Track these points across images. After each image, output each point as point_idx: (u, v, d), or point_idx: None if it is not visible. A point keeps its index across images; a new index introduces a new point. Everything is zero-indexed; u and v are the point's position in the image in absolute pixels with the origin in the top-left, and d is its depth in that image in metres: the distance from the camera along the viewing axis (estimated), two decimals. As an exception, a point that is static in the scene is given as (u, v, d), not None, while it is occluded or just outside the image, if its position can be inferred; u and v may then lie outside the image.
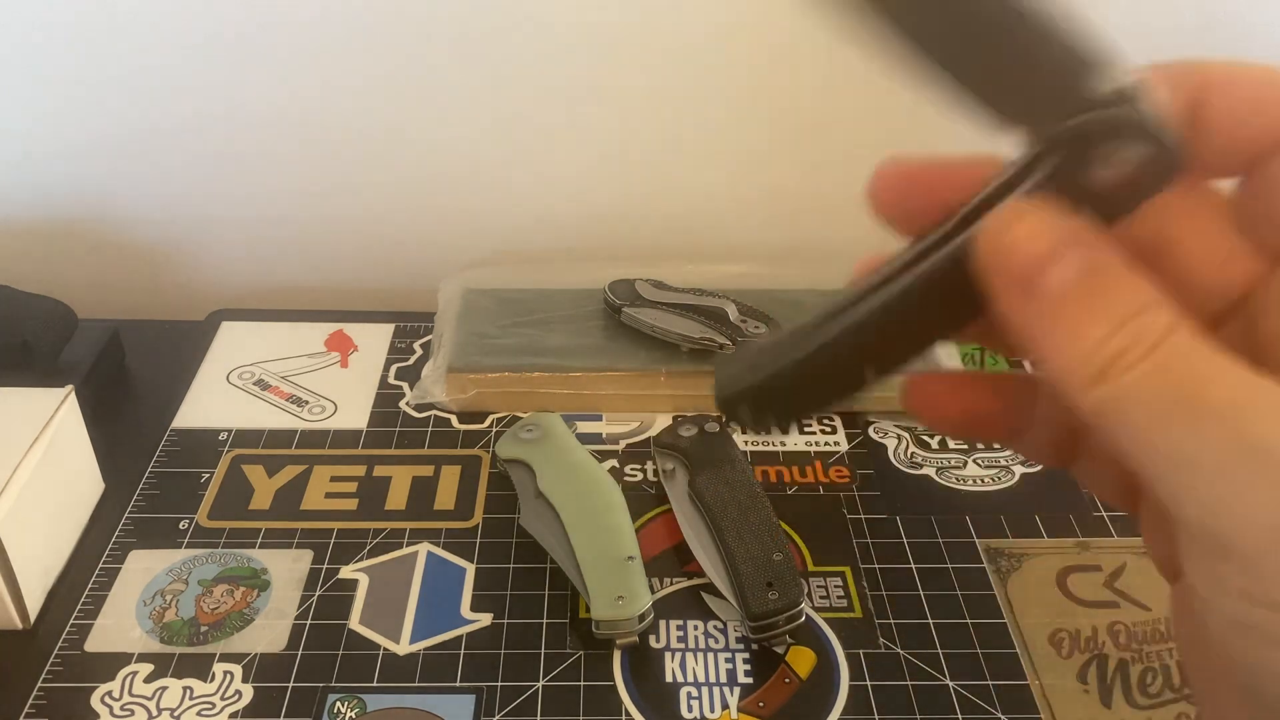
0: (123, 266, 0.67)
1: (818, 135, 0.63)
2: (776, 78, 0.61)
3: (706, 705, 0.40)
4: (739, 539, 0.44)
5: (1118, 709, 0.40)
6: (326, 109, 0.61)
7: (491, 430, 0.54)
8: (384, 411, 0.55)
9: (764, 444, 0.53)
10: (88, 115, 0.61)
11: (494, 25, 0.59)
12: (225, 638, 0.42)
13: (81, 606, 0.44)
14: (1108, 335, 0.19)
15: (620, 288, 0.58)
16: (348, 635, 0.42)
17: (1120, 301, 0.19)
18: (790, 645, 0.42)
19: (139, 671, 0.41)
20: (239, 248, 0.67)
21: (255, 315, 0.62)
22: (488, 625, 0.43)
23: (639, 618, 0.42)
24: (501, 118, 0.62)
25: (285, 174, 0.64)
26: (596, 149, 0.64)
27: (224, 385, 0.56)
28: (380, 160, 0.64)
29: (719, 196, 0.66)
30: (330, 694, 0.40)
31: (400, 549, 0.46)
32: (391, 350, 0.59)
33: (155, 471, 0.51)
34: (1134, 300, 0.19)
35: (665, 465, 0.50)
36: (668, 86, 0.61)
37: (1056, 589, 0.45)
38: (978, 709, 0.40)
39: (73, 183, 0.64)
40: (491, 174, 0.64)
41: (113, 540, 0.47)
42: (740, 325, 0.56)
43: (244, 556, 0.46)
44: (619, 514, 0.46)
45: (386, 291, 0.68)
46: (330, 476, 0.50)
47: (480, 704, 0.40)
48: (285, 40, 0.59)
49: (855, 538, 0.47)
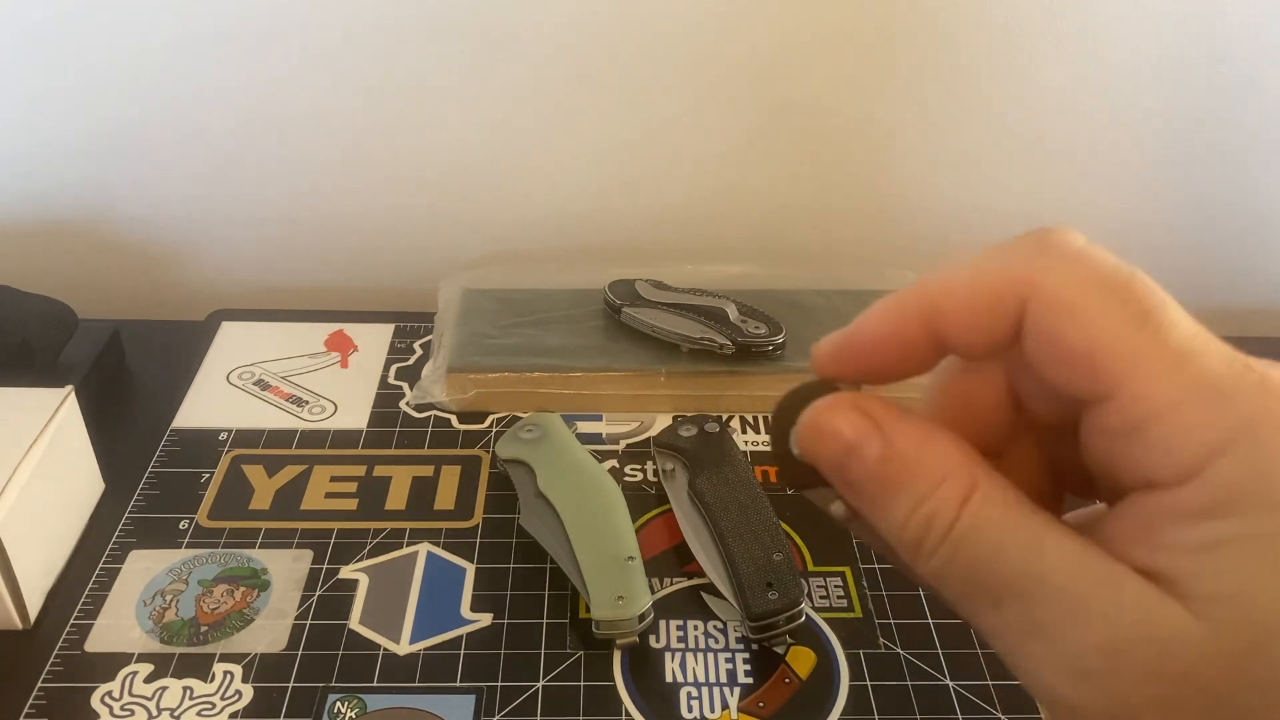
0: (123, 266, 0.67)
1: (818, 136, 0.64)
2: (777, 79, 0.61)
3: (706, 705, 0.40)
4: (739, 539, 0.44)
5: (1118, 709, 0.40)
6: (327, 109, 0.61)
7: (491, 430, 0.54)
8: (384, 411, 0.55)
9: (764, 444, 0.53)
10: (88, 115, 0.61)
11: (494, 26, 0.59)
12: (225, 638, 0.42)
13: (81, 606, 0.44)
14: (908, 516, 0.21)
15: (620, 288, 0.58)
16: (348, 635, 0.42)
17: (915, 483, 0.21)
18: (790, 645, 0.42)
19: (139, 671, 0.41)
20: (239, 248, 0.67)
21: (255, 315, 0.62)
22: (488, 625, 0.43)
23: (639, 618, 0.42)
24: (502, 118, 0.62)
25: (285, 174, 0.64)
26: (596, 149, 0.64)
27: (224, 385, 0.56)
28: (380, 160, 0.64)
29: (719, 197, 0.66)
30: (330, 694, 0.40)
31: (400, 549, 0.46)
32: (391, 350, 0.59)
33: (155, 471, 0.51)
34: (926, 479, 0.21)
35: (665, 465, 0.50)
36: (668, 87, 0.61)
37: (1056, 589, 0.45)
38: (978, 709, 0.40)
39: (73, 183, 0.64)
40: (491, 174, 0.64)
41: (113, 540, 0.47)
42: (740, 325, 0.56)
43: (244, 556, 0.46)
44: (619, 514, 0.46)
45: (386, 291, 0.68)
46: (330, 476, 0.50)
47: (480, 704, 0.40)
48: (286, 42, 0.59)
49: (855, 538, 0.47)
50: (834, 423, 0.23)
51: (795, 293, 0.60)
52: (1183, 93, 0.62)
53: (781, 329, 0.55)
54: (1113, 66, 0.61)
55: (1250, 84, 0.62)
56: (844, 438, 0.22)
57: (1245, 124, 0.63)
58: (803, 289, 0.61)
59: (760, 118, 0.63)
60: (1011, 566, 0.20)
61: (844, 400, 0.23)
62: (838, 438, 0.22)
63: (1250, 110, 0.63)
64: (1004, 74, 0.61)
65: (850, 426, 0.22)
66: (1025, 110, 0.62)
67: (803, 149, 0.64)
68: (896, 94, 0.62)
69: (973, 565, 0.21)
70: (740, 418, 0.54)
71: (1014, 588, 0.20)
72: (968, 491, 0.21)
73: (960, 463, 0.22)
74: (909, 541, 0.22)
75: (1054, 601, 0.20)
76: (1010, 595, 0.20)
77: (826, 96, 0.62)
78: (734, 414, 0.55)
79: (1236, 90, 0.62)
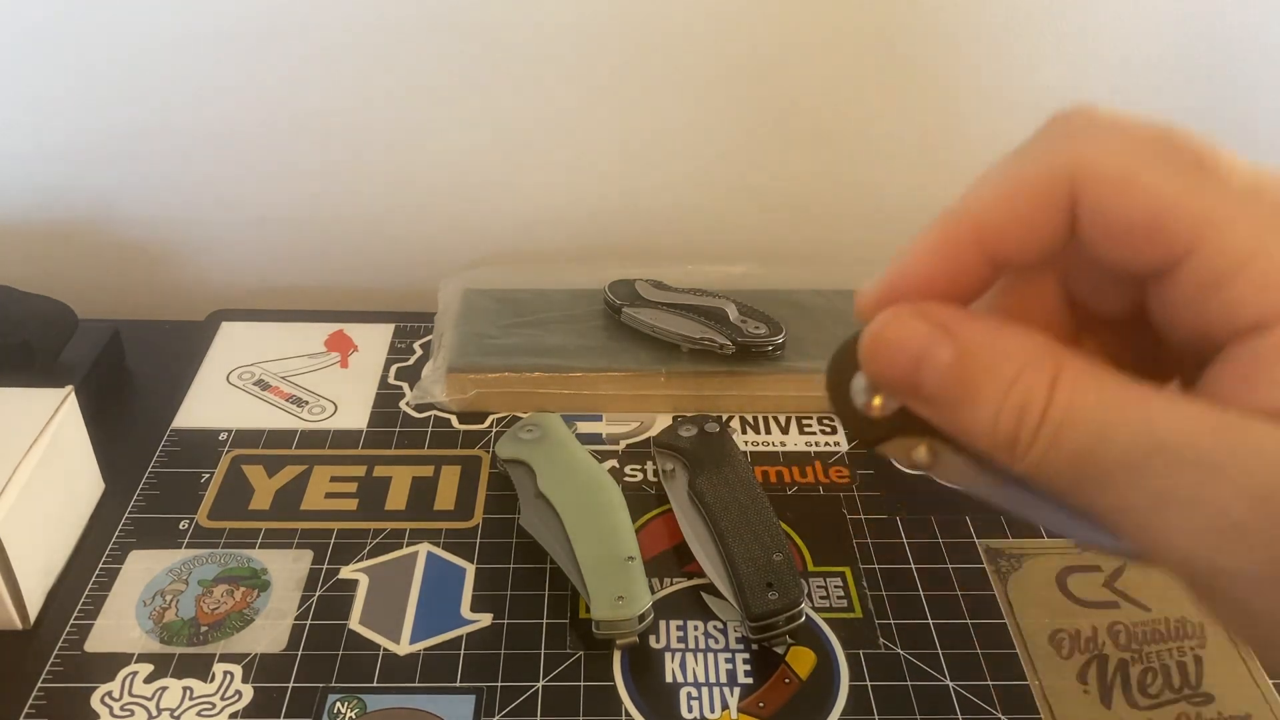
0: (123, 266, 0.67)
1: (819, 136, 0.64)
2: (778, 79, 0.61)
3: (706, 705, 0.40)
4: (739, 539, 0.44)
5: (1118, 709, 0.40)
6: (327, 110, 0.61)
7: (491, 430, 0.54)
8: (384, 411, 0.55)
9: (764, 444, 0.53)
10: (88, 115, 0.61)
11: (494, 27, 0.59)
12: (225, 638, 0.42)
13: (81, 606, 0.44)
14: (997, 410, 0.20)
15: (620, 288, 0.58)
16: (348, 635, 0.42)
17: (997, 374, 0.20)
18: (790, 645, 0.42)
19: (139, 672, 0.41)
20: (239, 248, 0.67)
21: (255, 315, 0.62)
22: (488, 625, 0.43)
23: (639, 618, 0.41)
24: (502, 118, 0.62)
25: (286, 174, 0.64)
26: (597, 149, 0.64)
27: (224, 385, 0.56)
28: (380, 161, 0.64)
29: (719, 197, 0.66)
30: (330, 694, 0.40)
31: (400, 549, 0.46)
32: (391, 350, 0.59)
33: (155, 471, 0.51)
34: (1008, 368, 0.20)
35: (665, 465, 0.50)
36: (668, 87, 0.61)
37: (1056, 589, 0.45)
38: (978, 709, 0.40)
39: (73, 183, 0.64)
40: (492, 174, 0.64)
41: (113, 540, 0.47)
42: (740, 325, 0.56)
43: (244, 556, 0.46)
44: (619, 514, 0.46)
45: (386, 291, 0.68)
46: (330, 476, 0.50)
47: (480, 704, 0.40)
48: (287, 42, 0.59)
49: (855, 538, 0.47)
50: (898, 335, 0.21)
51: (795, 293, 0.60)
52: (1182, 92, 0.62)
53: (781, 329, 0.55)
54: (1112, 66, 0.61)
55: (1250, 84, 0.62)
56: (912, 347, 0.21)
57: (1245, 124, 0.63)
58: (803, 289, 0.61)
59: (760, 118, 0.63)
60: (1121, 440, 0.19)
61: (903, 310, 0.21)
62: (905, 350, 0.21)
63: (1250, 110, 0.63)
64: (1004, 74, 0.61)
65: (916, 334, 0.21)
66: (1025, 110, 0.62)
67: (803, 149, 0.64)
68: (896, 94, 0.62)
69: (1078, 447, 0.19)
70: (740, 418, 0.54)
71: (1129, 461, 0.19)
72: (1055, 371, 0.20)
73: (1040, 345, 0.20)
74: (1003, 438, 0.20)
75: (1179, 465, 0.19)
76: (1126, 470, 0.19)
77: (826, 96, 0.62)
78: (734, 414, 0.55)
79: (1236, 90, 0.62)
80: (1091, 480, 0.20)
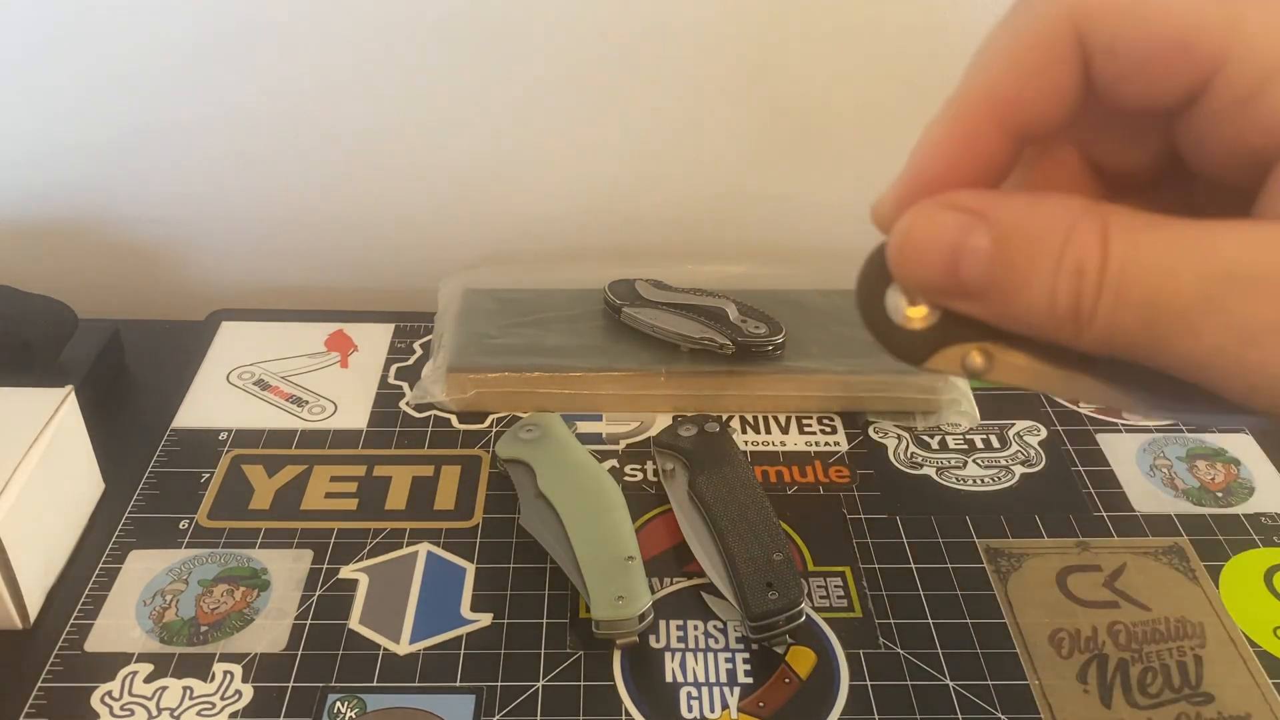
0: (123, 266, 0.67)
1: (818, 136, 0.63)
2: (779, 79, 0.61)
3: (706, 705, 0.40)
4: (739, 539, 0.44)
5: (1118, 709, 0.40)
6: (327, 109, 0.61)
7: (491, 430, 0.54)
8: (384, 411, 0.55)
9: (764, 444, 0.53)
10: (88, 115, 0.61)
11: (494, 26, 0.59)
12: (225, 638, 0.42)
13: (81, 606, 0.44)
14: (1052, 282, 0.18)
15: (620, 288, 0.58)
16: (348, 635, 0.42)
17: (1044, 243, 0.19)
18: (790, 645, 0.42)
19: (139, 671, 0.41)
20: (239, 248, 0.67)
21: (255, 315, 0.62)
22: (488, 625, 0.43)
23: (639, 618, 0.42)
24: (502, 118, 0.62)
25: (285, 174, 0.64)
26: (596, 149, 0.64)
27: (224, 385, 0.56)
28: (380, 160, 0.64)
29: (719, 196, 0.66)
30: (330, 694, 0.40)
31: (400, 549, 0.46)
32: (391, 350, 0.59)
33: (155, 471, 0.51)
34: (1054, 234, 0.18)
35: (665, 465, 0.50)
36: (668, 87, 0.61)
37: (1056, 589, 0.45)
38: (978, 709, 0.40)
39: (73, 183, 0.64)
40: (492, 174, 0.64)
41: (113, 540, 0.47)
42: (740, 325, 0.56)
43: (244, 556, 0.46)
44: (619, 514, 0.46)
45: (386, 291, 0.68)
46: (330, 476, 0.50)
47: (480, 704, 0.40)
48: (286, 41, 0.59)
49: (855, 538, 0.47)
50: (927, 232, 0.19)
51: (795, 293, 0.60)
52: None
53: (781, 329, 0.55)
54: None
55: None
56: (945, 241, 0.19)
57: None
58: (803, 289, 0.61)
59: (760, 118, 0.63)
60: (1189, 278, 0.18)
61: (927, 205, 0.20)
62: (938, 246, 0.19)
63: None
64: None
65: (947, 226, 0.19)
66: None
67: (803, 149, 0.64)
68: (896, 94, 0.62)
69: (1145, 298, 0.18)
70: (740, 418, 0.54)
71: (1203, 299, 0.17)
72: (1103, 226, 0.18)
73: (1081, 205, 0.19)
74: (1064, 312, 0.18)
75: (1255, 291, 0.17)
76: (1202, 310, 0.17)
77: (826, 96, 0.62)
78: (734, 414, 0.55)
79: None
80: (1168, 332, 0.18)
